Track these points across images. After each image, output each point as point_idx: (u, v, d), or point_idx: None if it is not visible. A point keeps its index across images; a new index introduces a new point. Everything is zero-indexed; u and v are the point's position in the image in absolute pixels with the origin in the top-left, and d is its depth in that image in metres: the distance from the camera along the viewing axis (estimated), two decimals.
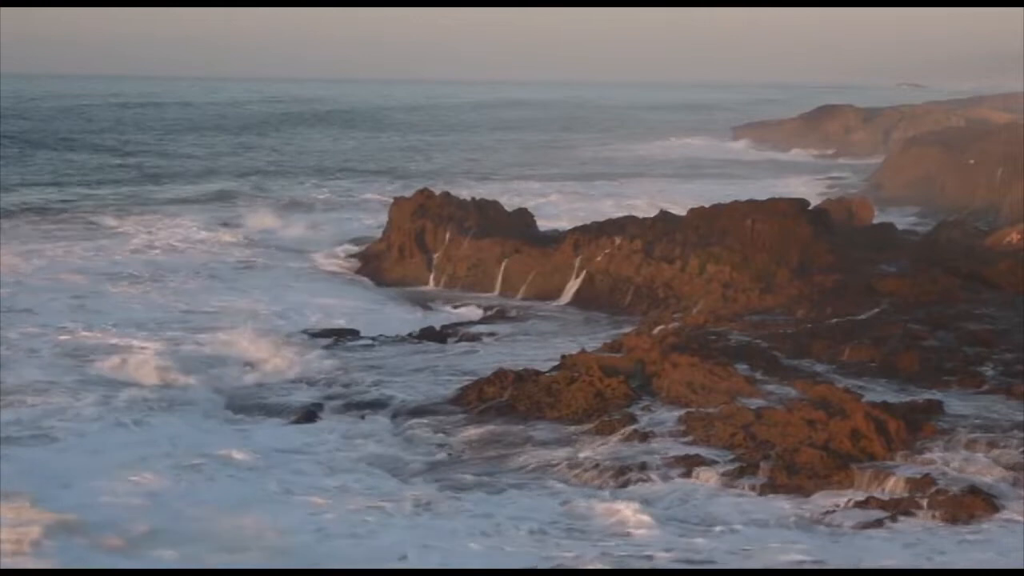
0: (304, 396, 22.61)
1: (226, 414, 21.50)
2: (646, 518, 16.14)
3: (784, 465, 17.68)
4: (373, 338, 27.74)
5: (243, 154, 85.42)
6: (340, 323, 29.27)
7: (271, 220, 46.92)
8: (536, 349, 26.85)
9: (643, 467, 18.01)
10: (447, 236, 35.97)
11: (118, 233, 43.93)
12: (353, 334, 28.11)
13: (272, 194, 58.83)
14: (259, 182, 64.69)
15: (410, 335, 28.05)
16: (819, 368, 22.37)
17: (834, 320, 25.64)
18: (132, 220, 46.84)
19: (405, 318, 30.68)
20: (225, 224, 46.34)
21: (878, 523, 15.99)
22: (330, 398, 22.53)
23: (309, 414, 21.46)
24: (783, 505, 16.66)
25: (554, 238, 35.90)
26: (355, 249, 39.87)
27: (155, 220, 47.00)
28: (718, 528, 15.90)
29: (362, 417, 21.32)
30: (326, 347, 26.62)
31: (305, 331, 28.31)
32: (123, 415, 20.91)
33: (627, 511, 16.36)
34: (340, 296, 33.45)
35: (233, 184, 63.08)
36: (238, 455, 18.68)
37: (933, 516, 16.02)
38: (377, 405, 21.95)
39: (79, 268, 36.28)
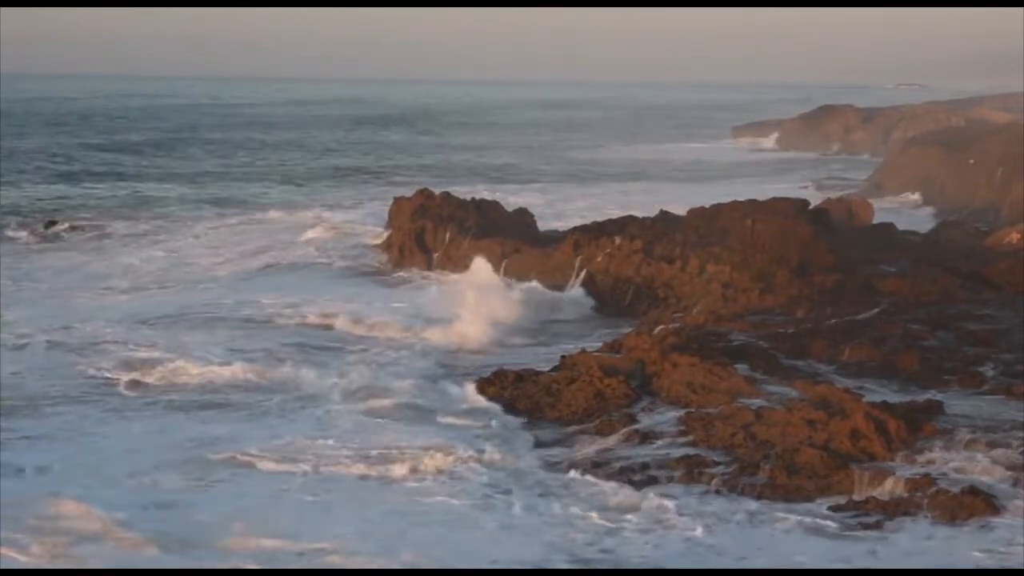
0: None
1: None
2: (646, 518, 16.16)
3: (784, 465, 17.68)
4: None
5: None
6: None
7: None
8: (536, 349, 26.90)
9: (643, 467, 18.02)
10: (447, 236, 35.96)
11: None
12: None
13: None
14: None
15: None
16: (819, 368, 22.37)
17: (834, 320, 25.63)
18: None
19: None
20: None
21: (878, 523, 16.00)
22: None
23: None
24: (783, 505, 16.65)
25: (554, 238, 35.88)
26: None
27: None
28: (718, 528, 15.90)
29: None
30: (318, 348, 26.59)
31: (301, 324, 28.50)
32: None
33: (627, 511, 16.37)
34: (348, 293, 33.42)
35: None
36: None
37: (933, 516, 16.01)
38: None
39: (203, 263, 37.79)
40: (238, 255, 39.83)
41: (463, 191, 44.05)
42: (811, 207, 34.83)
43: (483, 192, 48.17)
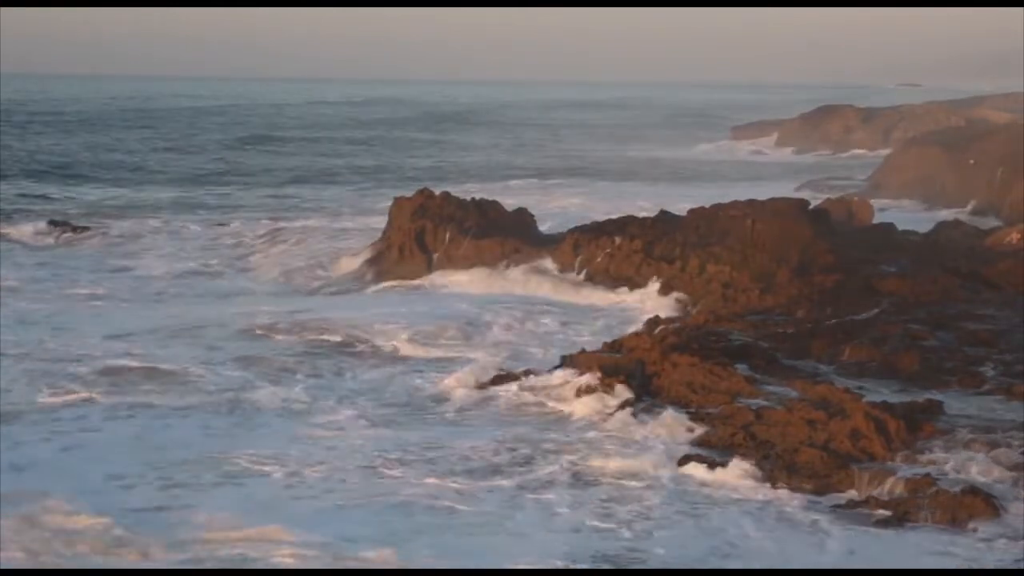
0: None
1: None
2: (646, 518, 16.17)
3: (784, 465, 17.70)
4: None
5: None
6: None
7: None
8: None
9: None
10: (447, 236, 35.91)
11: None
12: None
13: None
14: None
15: None
16: (819, 368, 22.38)
17: (834, 320, 25.65)
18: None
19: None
20: None
21: (878, 523, 16.02)
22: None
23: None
24: (782, 505, 16.66)
25: (554, 238, 35.89)
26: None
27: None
28: (717, 527, 15.92)
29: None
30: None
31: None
32: None
33: (627, 510, 16.39)
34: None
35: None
36: None
37: (933, 516, 16.02)
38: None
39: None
40: (236, 261, 39.61)
41: (464, 191, 43.90)
42: (811, 207, 34.85)
43: (483, 192, 47.97)
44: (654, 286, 31.31)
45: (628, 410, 20.43)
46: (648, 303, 30.43)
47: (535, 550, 15.06)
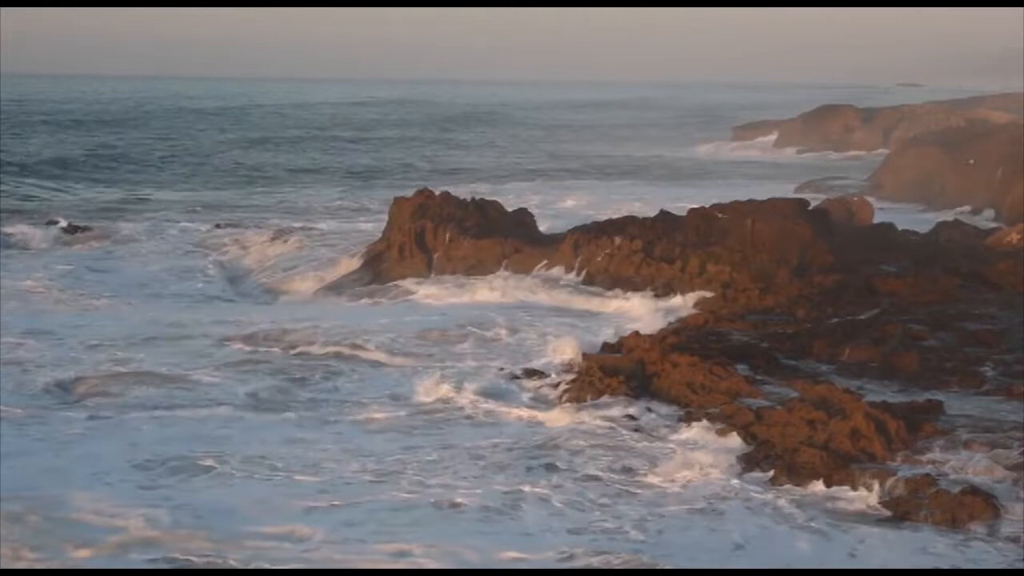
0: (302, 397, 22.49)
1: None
2: (645, 518, 16.16)
3: (784, 465, 17.69)
4: None
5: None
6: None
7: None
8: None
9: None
10: (447, 236, 35.88)
11: None
12: None
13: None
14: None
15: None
16: (819, 368, 22.39)
17: (834, 320, 25.67)
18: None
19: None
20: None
21: (878, 523, 16.01)
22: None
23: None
24: (782, 505, 16.65)
25: (554, 238, 35.87)
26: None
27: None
28: (717, 528, 15.90)
29: None
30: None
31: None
32: None
33: (627, 510, 16.37)
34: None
35: None
36: None
37: (933, 516, 16.00)
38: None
39: None
40: (234, 262, 39.48)
41: (464, 191, 43.79)
42: (811, 207, 34.88)
43: (484, 192, 47.90)
44: (654, 286, 31.31)
45: (628, 411, 20.45)
46: (648, 303, 30.41)
47: (537, 550, 15.06)
